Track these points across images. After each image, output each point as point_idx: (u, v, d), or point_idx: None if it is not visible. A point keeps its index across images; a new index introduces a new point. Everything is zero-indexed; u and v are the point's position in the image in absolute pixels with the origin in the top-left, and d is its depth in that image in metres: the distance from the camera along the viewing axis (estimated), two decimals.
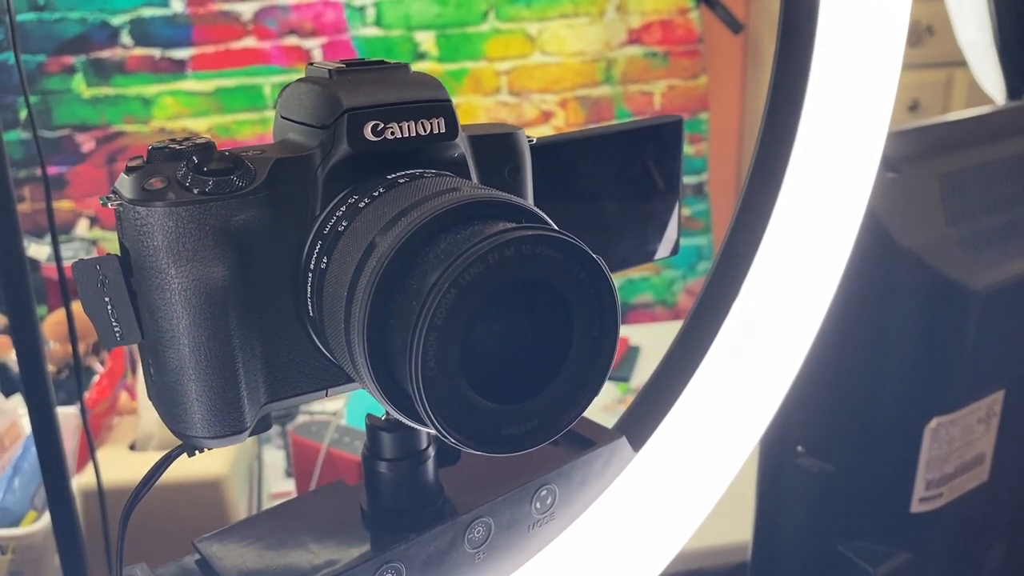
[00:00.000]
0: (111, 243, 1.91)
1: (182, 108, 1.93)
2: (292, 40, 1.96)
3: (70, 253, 1.58)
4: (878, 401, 0.77)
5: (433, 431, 0.29)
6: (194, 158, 0.33)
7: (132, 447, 1.15)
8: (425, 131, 0.35)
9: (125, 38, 1.87)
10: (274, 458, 1.35)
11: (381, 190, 0.33)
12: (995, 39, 1.11)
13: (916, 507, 0.78)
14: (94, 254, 1.58)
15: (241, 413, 0.34)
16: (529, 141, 0.40)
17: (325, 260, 0.33)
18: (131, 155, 1.59)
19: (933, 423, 0.75)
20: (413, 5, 1.99)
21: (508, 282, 0.29)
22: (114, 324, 0.34)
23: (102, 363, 1.33)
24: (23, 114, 1.82)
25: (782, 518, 0.83)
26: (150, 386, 0.36)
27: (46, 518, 1.04)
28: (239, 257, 0.33)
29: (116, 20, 1.85)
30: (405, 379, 0.30)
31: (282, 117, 0.37)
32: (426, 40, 2.02)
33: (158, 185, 0.32)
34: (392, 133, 0.34)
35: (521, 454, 0.31)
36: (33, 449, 1.07)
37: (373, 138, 0.34)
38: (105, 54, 1.86)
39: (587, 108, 2.17)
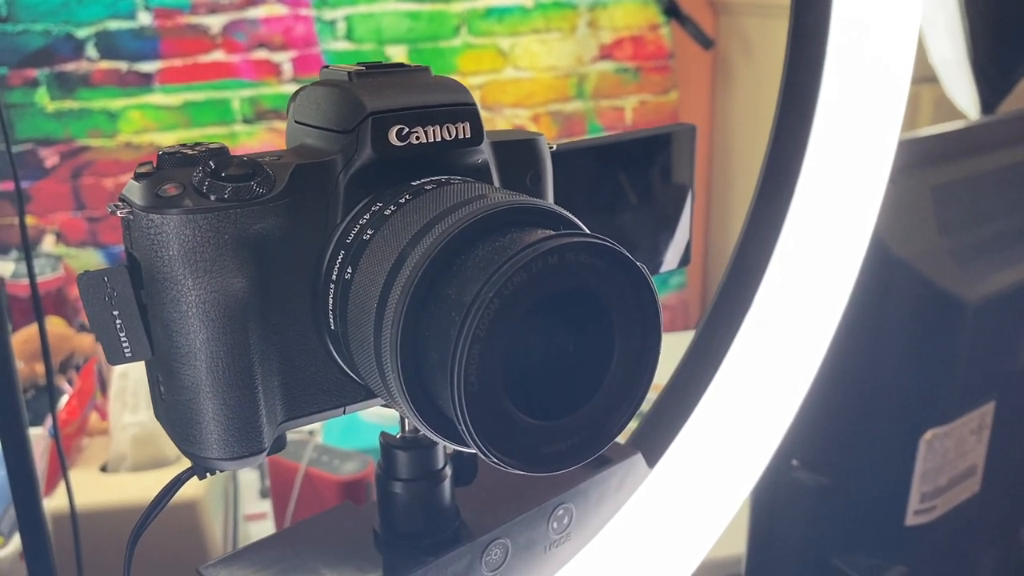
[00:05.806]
0: (76, 260, 1.87)
1: (149, 122, 1.89)
2: (261, 54, 1.94)
3: (36, 270, 1.53)
4: (873, 413, 0.77)
5: (472, 449, 0.28)
6: (210, 163, 0.31)
7: (103, 469, 1.12)
8: (451, 136, 0.34)
9: (91, 51, 1.83)
10: (248, 478, 1.32)
11: (408, 196, 0.32)
12: (969, 56, 1.12)
13: (911, 520, 0.77)
14: (60, 271, 1.53)
15: (259, 432, 0.32)
16: (550, 148, 0.39)
17: (350, 270, 0.31)
18: (96, 170, 1.54)
19: (928, 435, 0.75)
20: (384, 19, 1.98)
21: (551, 292, 0.28)
22: (123, 340, 0.32)
23: (70, 383, 1.29)
24: None
25: (777, 532, 0.82)
26: (158, 405, 0.34)
27: (14, 543, 1.00)
28: (257, 267, 0.31)
29: (81, 32, 1.81)
30: (440, 394, 0.28)
31: (296, 122, 0.35)
32: (398, 54, 2.00)
33: (173, 191, 0.30)
34: (417, 138, 0.33)
35: None
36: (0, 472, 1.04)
37: (398, 143, 0.33)
38: (70, 67, 1.82)
39: (559, 123, 2.16)
